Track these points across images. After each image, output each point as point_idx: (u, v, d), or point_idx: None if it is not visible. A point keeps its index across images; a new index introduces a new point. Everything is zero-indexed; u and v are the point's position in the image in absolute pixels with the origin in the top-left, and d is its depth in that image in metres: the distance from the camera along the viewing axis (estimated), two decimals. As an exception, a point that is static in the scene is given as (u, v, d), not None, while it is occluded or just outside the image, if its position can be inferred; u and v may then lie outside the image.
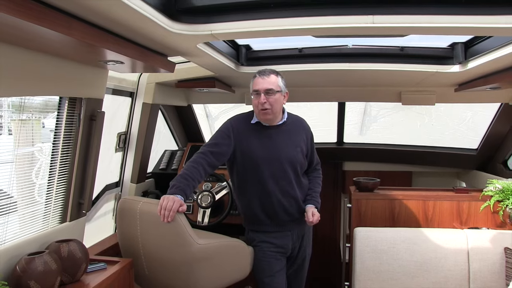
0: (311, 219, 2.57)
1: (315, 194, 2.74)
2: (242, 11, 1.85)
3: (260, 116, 2.57)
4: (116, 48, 1.83)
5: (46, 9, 1.39)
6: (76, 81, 2.15)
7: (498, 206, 3.13)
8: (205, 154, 2.48)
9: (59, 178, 2.31)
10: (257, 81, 2.53)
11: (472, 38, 2.63)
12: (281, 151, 2.59)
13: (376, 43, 2.86)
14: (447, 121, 5.19)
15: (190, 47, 2.18)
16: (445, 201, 3.25)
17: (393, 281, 2.92)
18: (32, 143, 2.25)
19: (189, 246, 2.19)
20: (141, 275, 2.41)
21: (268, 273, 2.60)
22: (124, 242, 2.47)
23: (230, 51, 2.79)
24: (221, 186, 3.38)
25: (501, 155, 3.98)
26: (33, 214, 2.19)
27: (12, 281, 1.81)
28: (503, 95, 3.47)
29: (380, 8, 1.73)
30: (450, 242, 2.94)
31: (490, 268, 2.85)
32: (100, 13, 1.54)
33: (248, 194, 2.63)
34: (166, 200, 2.16)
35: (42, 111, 2.34)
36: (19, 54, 1.71)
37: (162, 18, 1.72)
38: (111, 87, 2.92)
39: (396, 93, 3.78)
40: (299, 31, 1.91)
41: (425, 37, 2.81)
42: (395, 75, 3.08)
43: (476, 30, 1.96)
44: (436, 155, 4.49)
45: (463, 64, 2.73)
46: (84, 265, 2.07)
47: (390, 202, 3.28)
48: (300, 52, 2.94)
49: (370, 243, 2.98)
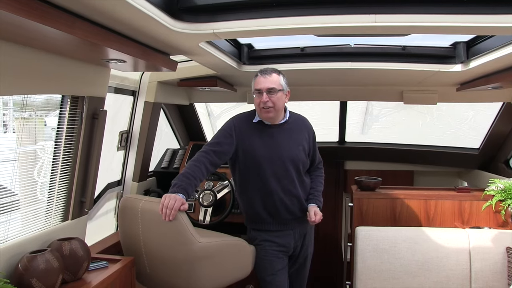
0: (313, 219, 2.56)
1: (317, 193, 2.74)
2: (244, 10, 1.85)
3: (262, 115, 2.57)
4: (118, 47, 1.83)
5: (50, 8, 1.40)
6: (79, 80, 2.16)
7: (500, 206, 3.13)
8: (207, 153, 2.49)
9: (61, 177, 2.31)
10: (259, 80, 2.53)
11: (474, 38, 2.62)
12: (283, 150, 2.59)
13: (378, 42, 2.86)
14: (449, 120, 5.20)
15: (192, 46, 2.18)
16: (447, 200, 3.25)
17: (395, 281, 2.92)
18: (35, 141, 2.25)
19: (191, 245, 2.20)
20: (143, 273, 2.42)
21: (270, 271, 2.60)
22: (125, 241, 2.48)
23: (232, 50, 2.79)
24: (223, 185, 3.39)
25: (503, 155, 3.98)
26: (35, 212, 2.20)
27: (14, 279, 1.82)
28: (505, 94, 3.47)
29: (382, 7, 1.73)
30: (452, 241, 2.94)
31: (491, 267, 2.85)
32: (103, 12, 1.55)
33: (250, 192, 2.64)
34: (168, 198, 2.16)
35: (44, 109, 2.35)
36: (22, 52, 1.72)
37: (165, 17, 1.73)
38: (113, 85, 2.92)
39: (398, 92, 3.78)
40: (301, 30, 1.91)
41: (427, 37, 2.80)
42: (397, 74, 3.08)
43: (478, 30, 1.95)
44: (438, 154, 4.49)
45: (465, 63, 2.72)
46: (86, 263, 2.08)
47: (391, 202, 3.28)
48: (302, 51, 2.94)
49: (371, 243, 2.98)
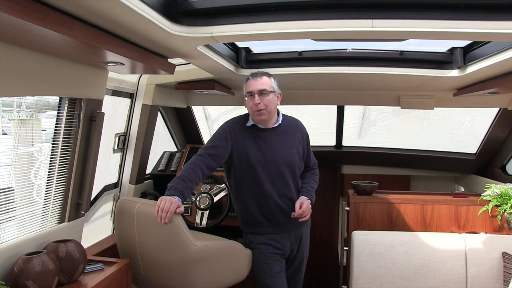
0: (297, 211, 2.50)
1: (310, 187, 2.71)
2: (242, 14, 1.86)
3: (255, 117, 2.58)
4: (116, 50, 1.84)
5: (50, 10, 1.40)
6: (77, 82, 2.16)
7: (496, 211, 3.13)
8: (203, 156, 2.49)
9: (58, 178, 2.31)
10: (250, 83, 2.56)
11: (471, 43, 2.64)
12: (278, 154, 2.60)
13: (376, 47, 2.87)
14: (446, 125, 5.21)
15: (190, 49, 2.19)
16: (443, 205, 3.25)
17: (391, 285, 2.92)
18: (32, 143, 2.25)
19: (186, 248, 2.19)
20: (138, 275, 2.41)
21: (269, 274, 2.60)
22: (121, 243, 2.47)
23: (230, 53, 2.80)
24: (219, 188, 3.39)
25: (500, 160, 3.99)
26: (31, 214, 2.19)
27: (9, 281, 1.81)
28: (502, 100, 3.48)
29: (380, 13, 1.75)
30: (448, 246, 2.94)
31: (487, 272, 2.86)
32: (102, 15, 1.55)
33: (245, 196, 2.64)
34: (164, 201, 2.16)
35: (40, 111, 2.35)
36: (20, 54, 1.72)
37: (163, 20, 1.73)
38: (111, 88, 2.93)
39: (395, 97, 3.80)
40: (299, 34, 1.92)
41: (424, 42, 2.82)
42: (394, 79, 3.09)
43: (475, 35, 1.97)
44: (434, 159, 4.50)
45: (462, 69, 2.74)
46: (82, 265, 2.07)
47: (388, 206, 3.29)
48: (300, 56, 2.95)
49: (368, 247, 2.98)
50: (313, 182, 2.78)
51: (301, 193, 2.68)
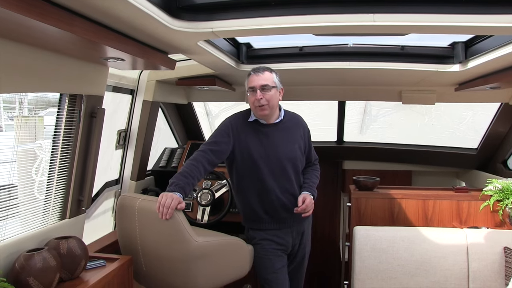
0: (300, 206, 2.51)
1: (312, 183, 2.72)
2: (243, 9, 1.85)
3: (257, 113, 2.58)
4: (117, 45, 1.83)
5: (50, 6, 1.40)
6: (77, 78, 2.15)
7: (498, 206, 3.13)
8: (205, 152, 2.49)
9: (59, 175, 2.31)
10: (252, 78, 2.55)
11: (473, 38, 2.62)
12: (280, 149, 2.60)
13: (377, 42, 2.86)
14: (447, 120, 5.20)
15: (191, 45, 2.18)
16: (445, 200, 3.25)
17: (393, 280, 2.92)
18: (34, 139, 2.24)
19: (187, 244, 2.19)
20: (140, 272, 2.42)
21: (271, 270, 2.60)
22: (123, 239, 2.47)
23: (230, 49, 2.79)
24: (221, 184, 3.38)
25: (501, 155, 3.99)
26: (33, 210, 2.19)
27: (11, 277, 1.81)
28: (503, 94, 3.47)
29: (381, 7, 1.74)
30: (450, 241, 2.94)
31: (489, 267, 2.86)
32: (102, 10, 1.54)
33: (247, 192, 2.64)
34: (165, 197, 2.16)
35: (40, 108, 2.34)
36: (20, 50, 1.71)
37: (163, 15, 1.73)
38: (111, 84, 2.92)
39: (396, 92, 3.79)
40: (300, 29, 1.91)
41: (425, 36, 2.81)
42: (396, 74, 3.08)
43: (476, 30, 1.96)
44: (436, 154, 4.50)
45: (463, 63, 2.73)
46: (83, 262, 2.08)
47: (389, 201, 3.29)
48: (301, 51, 2.94)
49: (369, 242, 2.98)
50: (314, 178, 2.78)
51: (303, 188, 2.68)
